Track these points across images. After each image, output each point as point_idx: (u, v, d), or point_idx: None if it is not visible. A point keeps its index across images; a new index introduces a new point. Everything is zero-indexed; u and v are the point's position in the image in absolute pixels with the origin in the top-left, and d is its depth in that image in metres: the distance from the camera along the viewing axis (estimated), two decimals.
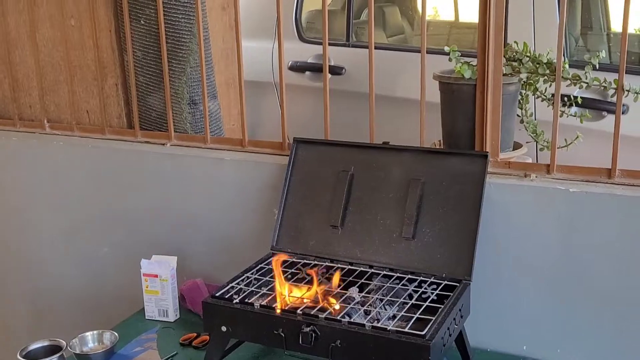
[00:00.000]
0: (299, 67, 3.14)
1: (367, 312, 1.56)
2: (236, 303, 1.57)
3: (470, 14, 3.89)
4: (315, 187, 1.89)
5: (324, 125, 2.01)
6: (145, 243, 2.27)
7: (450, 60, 1.89)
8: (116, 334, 1.87)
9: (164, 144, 2.26)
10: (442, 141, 2.00)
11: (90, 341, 1.87)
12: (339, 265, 1.76)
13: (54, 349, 1.64)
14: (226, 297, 1.61)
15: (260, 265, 1.79)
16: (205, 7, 2.33)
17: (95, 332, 1.89)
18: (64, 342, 1.66)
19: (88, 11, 2.35)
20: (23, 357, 1.61)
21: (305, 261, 1.80)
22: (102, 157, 2.35)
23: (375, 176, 1.83)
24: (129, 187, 2.31)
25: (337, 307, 1.56)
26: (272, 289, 1.64)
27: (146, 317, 2.06)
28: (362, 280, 1.69)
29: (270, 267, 1.76)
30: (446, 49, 1.91)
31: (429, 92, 1.87)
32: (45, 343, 1.67)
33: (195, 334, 1.93)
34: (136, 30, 2.25)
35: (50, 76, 2.50)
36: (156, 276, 2.02)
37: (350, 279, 1.70)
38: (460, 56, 1.90)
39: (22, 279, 2.58)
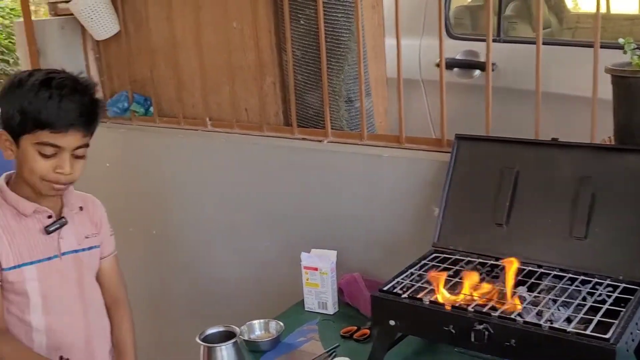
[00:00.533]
0: (447, 64, 3.10)
1: (539, 313, 1.52)
2: (405, 298, 1.59)
3: (620, 4, 3.69)
4: (478, 184, 1.87)
5: (485, 122, 1.98)
6: (304, 237, 2.34)
7: (624, 52, 1.80)
8: (281, 323, 1.94)
9: (321, 141, 2.32)
10: (613, 137, 1.91)
11: (257, 329, 1.95)
12: (505, 264, 1.72)
13: (228, 334, 1.72)
14: (394, 291, 1.62)
15: (423, 262, 1.79)
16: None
17: (262, 320, 1.97)
18: (237, 328, 1.74)
19: (249, 14, 2.45)
20: (202, 341, 1.71)
21: (469, 259, 1.78)
22: (261, 154, 2.44)
23: (542, 173, 1.78)
24: (287, 183, 2.39)
25: (508, 306, 1.54)
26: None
27: (305, 309, 2.12)
28: (532, 280, 1.65)
29: (434, 263, 1.77)
30: (620, 40, 1.82)
31: (584, 87, 1.79)
32: (221, 329, 1.76)
33: (355, 327, 1.96)
34: (296, 30, 2.32)
35: (213, 77, 2.64)
36: (316, 269, 2.08)
37: (520, 278, 1.66)
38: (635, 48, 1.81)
39: (185, 270, 2.73)
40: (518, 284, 1.65)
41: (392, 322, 1.60)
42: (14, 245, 1.62)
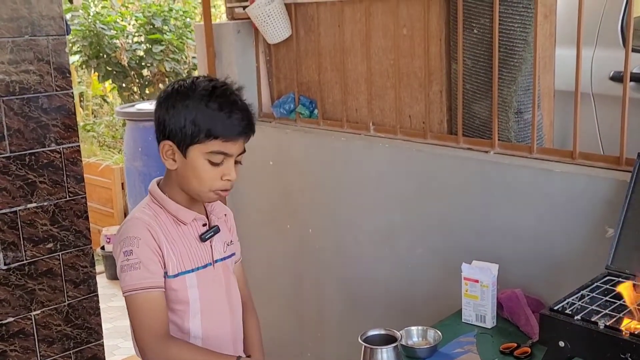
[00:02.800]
0: (623, 78, 2.95)
1: None
2: (578, 319, 1.53)
3: None
4: None
5: None
6: (461, 248, 2.32)
7: None
8: (439, 332, 1.94)
9: (487, 152, 2.28)
10: None
11: (415, 335, 1.96)
12: None
13: (389, 338, 1.75)
14: (565, 312, 1.57)
15: (596, 284, 1.71)
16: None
17: (420, 327, 1.97)
18: (398, 333, 1.76)
19: (421, 21, 2.46)
20: (363, 341, 1.74)
21: None
22: (424, 161, 2.45)
23: None
24: (448, 192, 2.37)
25: None
26: (615, 310, 1.57)
27: (462, 320, 2.09)
28: None
29: (608, 287, 1.69)
30: None
31: None
32: (382, 331, 1.78)
33: (515, 344, 1.91)
34: (468, 39, 2.30)
35: (379, 82, 2.68)
36: (477, 281, 2.05)
37: None
38: None
39: (339, 272, 2.79)
40: None
41: (561, 344, 1.54)
42: (176, 253, 1.65)
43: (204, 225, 1.72)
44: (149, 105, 4.61)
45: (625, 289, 1.61)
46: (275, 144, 2.96)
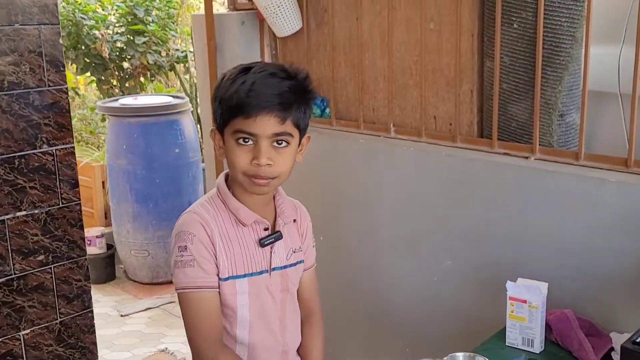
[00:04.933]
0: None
1: None
2: None
3: None
4: None
5: None
6: (495, 261, 2.15)
7: None
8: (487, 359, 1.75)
9: (527, 157, 2.10)
10: None
11: None
12: None
13: None
14: None
15: None
16: None
17: (467, 353, 1.77)
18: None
19: (450, 14, 2.27)
20: None
21: None
22: (453, 166, 2.26)
23: None
24: (482, 200, 2.19)
25: None
26: None
27: (507, 343, 1.91)
28: None
29: None
30: None
31: None
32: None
33: None
34: (506, 34, 2.11)
35: (399, 80, 2.48)
36: (525, 302, 1.87)
37: None
38: None
39: (362, 280, 2.58)
40: None
41: None
42: (230, 255, 1.52)
43: (266, 229, 1.57)
44: (133, 101, 4.38)
45: None
46: None
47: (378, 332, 2.58)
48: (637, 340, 1.41)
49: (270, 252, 1.57)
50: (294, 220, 1.65)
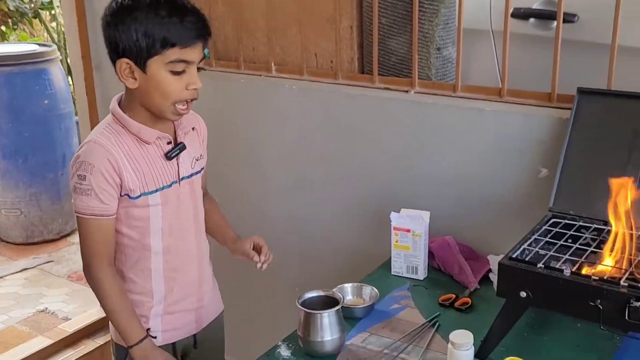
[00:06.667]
0: (522, 14, 2.89)
1: None
2: (541, 267, 1.42)
3: None
4: (603, 145, 1.70)
5: (608, 77, 1.79)
6: (383, 196, 2.17)
7: None
8: (376, 290, 1.78)
9: (407, 91, 2.12)
10: None
11: (349, 293, 1.79)
12: None
13: (328, 300, 1.57)
14: (526, 260, 1.46)
15: (544, 228, 1.62)
16: None
17: (354, 284, 1.81)
18: (340, 295, 1.58)
19: None
20: (301, 305, 1.55)
21: (595, 226, 1.62)
22: (337, 103, 2.25)
23: None
24: (365, 136, 2.20)
25: None
26: (575, 255, 1.48)
27: (392, 273, 1.96)
28: None
29: (558, 230, 1.60)
30: None
31: None
32: (320, 293, 1.60)
33: (453, 295, 1.80)
34: None
35: (279, 18, 2.41)
36: (408, 231, 1.91)
37: None
38: None
39: (251, 222, 2.52)
40: None
41: (523, 294, 1.43)
42: (140, 174, 1.59)
43: (169, 143, 1.64)
44: None
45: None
46: None
47: (266, 273, 2.56)
48: (513, 256, 1.47)
49: (177, 163, 1.65)
50: (193, 128, 1.72)
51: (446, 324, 1.66)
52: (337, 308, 1.54)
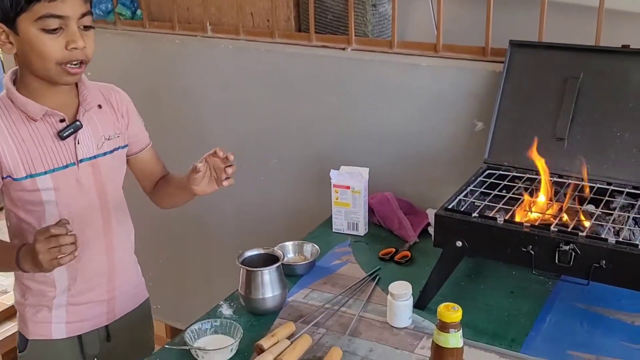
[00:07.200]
0: None
1: (617, 232, 1.42)
2: (475, 217, 1.45)
3: None
4: (534, 96, 1.73)
5: (539, 29, 1.81)
6: (322, 155, 2.17)
7: None
8: (317, 247, 1.79)
9: (344, 49, 2.11)
10: None
11: (291, 251, 1.80)
12: (571, 181, 1.61)
13: (269, 257, 1.57)
14: (461, 210, 1.48)
15: (479, 179, 1.65)
16: None
17: (295, 242, 1.81)
18: (280, 252, 1.58)
19: None
20: (241, 264, 1.54)
21: (528, 176, 1.65)
22: (274, 63, 2.22)
23: (609, 83, 1.65)
24: (303, 95, 2.19)
25: (587, 224, 1.42)
26: (508, 204, 1.51)
27: (333, 230, 1.97)
28: (607, 198, 1.53)
29: (492, 180, 1.64)
30: None
31: None
32: (261, 251, 1.59)
33: (393, 249, 1.83)
34: None
35: None
36: (348, 187, 1.92)
37: (592, 195, 1.55)
38: None
39: None
40: (589, 202, 1.54)
41: (459, 243, 1.46)
42: (23, 153, 1.45)
43: (62, 121, 1.48)
44: None
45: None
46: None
47: (206, 238, 2.55)
48: (449, 207, 1.49)
49: (75, 143, 1.50)
50: (100, 106, 1.56)
51: (386, 278, 1.68)
52: (277, 265, 1.54)
